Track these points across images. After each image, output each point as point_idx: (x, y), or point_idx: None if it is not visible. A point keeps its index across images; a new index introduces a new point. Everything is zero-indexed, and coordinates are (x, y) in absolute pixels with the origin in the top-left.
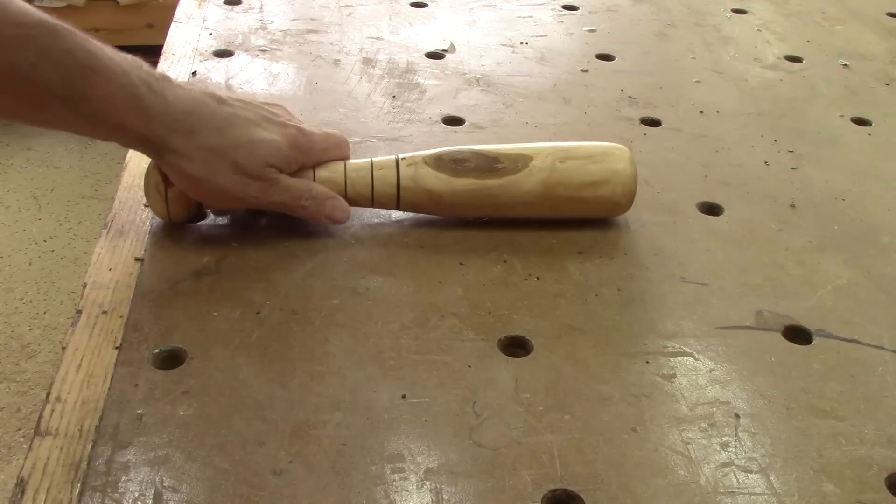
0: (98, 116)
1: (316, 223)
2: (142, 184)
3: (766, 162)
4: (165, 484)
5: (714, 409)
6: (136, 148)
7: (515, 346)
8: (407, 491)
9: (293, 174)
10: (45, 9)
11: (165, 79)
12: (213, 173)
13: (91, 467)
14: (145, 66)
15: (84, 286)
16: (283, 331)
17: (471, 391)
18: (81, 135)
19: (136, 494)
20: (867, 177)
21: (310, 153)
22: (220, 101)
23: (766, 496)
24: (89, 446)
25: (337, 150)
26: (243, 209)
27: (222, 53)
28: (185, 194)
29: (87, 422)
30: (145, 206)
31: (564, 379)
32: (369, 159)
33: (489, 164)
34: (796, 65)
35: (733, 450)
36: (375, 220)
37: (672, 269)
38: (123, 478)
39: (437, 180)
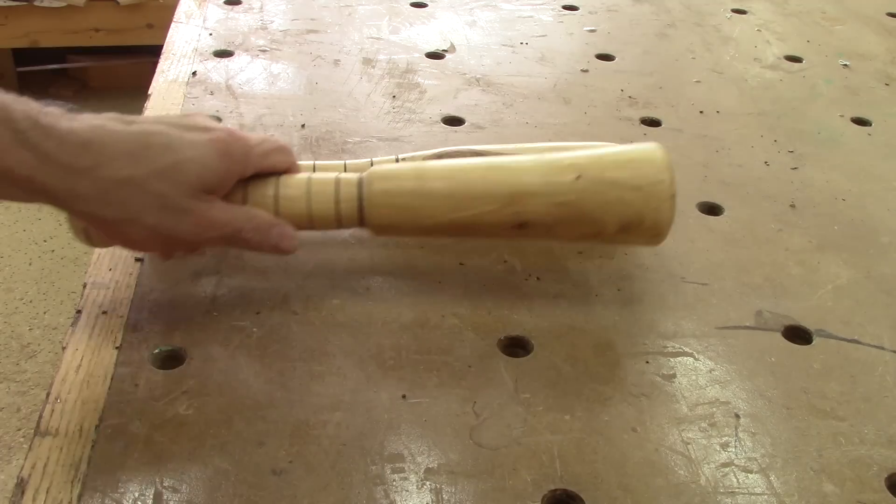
0: None
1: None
2: None
3: (766, 162)
4: (165, 484)
5: (714, 409)
6: (39, 200)
7: (515, 346)
8: (407, 491)
9: (234, 193)
10: (46, 9)
11: (55, 111)
12: (137, 212)
13: (91, 467)
14: (30, 101)
15: (84, 286)
16: (283, 331)
17: (471, 391)
18: None
19: (136, 494)
20: (867, 177)
21: (246, 160)
22: (127, 121)
23: (766, 496)
24: (89, 446)
25: (279, 154)
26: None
27: (222, 53)
28: None
29: (87, 422)
30: None
31: (564, 379)
32: (369, 159)
33: None
34: (796, 65)
35: (733, 450)
36: None
37: (672, 269)
38: (123, 478)
39: None
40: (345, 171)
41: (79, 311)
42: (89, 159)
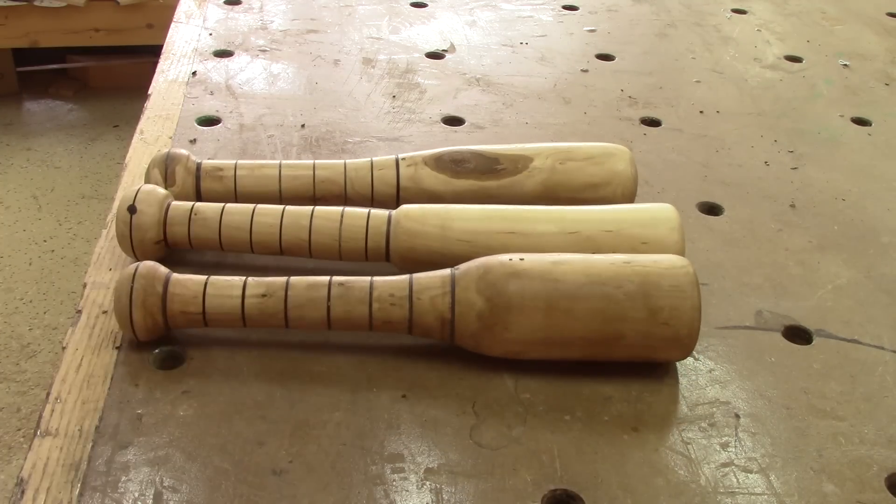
0: None
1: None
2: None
3: (766, 162)
4: (165, 484)
5: (714, 409)
6: None
7: None
8: (407, 491)
9: None
10: (46, 9)
11: None
12: None
13: (91, 467)
14: None
15: (84, 286)
16: (284, 331)
17: (471, 391)
18: None
19: (136, 494)
20: (867, 177)
21: None
22: None
23: (766, 496)
24: (89, 446)
25: None
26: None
27: (222, 53)
28: (186, 195)
29: (87, 422)
30: None
31: (564, 379)
32: (369, 159)
33: (489, 165)
34: (796, 65)
35: (733, 450)
36: None
37: None
38: (123, 478)
39: (437, 181)
40: (345, 170)
41: (79, 311)
42: None
